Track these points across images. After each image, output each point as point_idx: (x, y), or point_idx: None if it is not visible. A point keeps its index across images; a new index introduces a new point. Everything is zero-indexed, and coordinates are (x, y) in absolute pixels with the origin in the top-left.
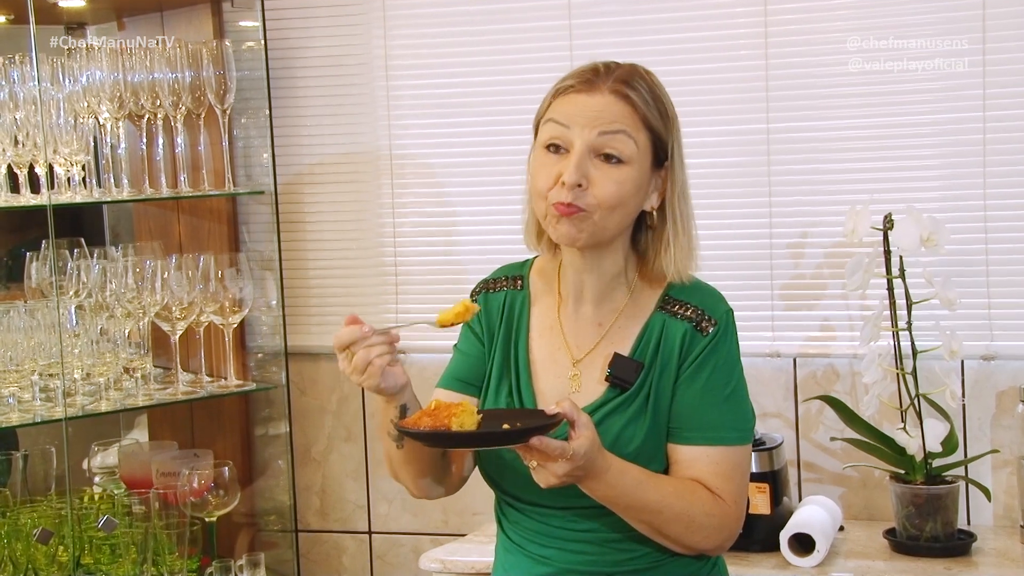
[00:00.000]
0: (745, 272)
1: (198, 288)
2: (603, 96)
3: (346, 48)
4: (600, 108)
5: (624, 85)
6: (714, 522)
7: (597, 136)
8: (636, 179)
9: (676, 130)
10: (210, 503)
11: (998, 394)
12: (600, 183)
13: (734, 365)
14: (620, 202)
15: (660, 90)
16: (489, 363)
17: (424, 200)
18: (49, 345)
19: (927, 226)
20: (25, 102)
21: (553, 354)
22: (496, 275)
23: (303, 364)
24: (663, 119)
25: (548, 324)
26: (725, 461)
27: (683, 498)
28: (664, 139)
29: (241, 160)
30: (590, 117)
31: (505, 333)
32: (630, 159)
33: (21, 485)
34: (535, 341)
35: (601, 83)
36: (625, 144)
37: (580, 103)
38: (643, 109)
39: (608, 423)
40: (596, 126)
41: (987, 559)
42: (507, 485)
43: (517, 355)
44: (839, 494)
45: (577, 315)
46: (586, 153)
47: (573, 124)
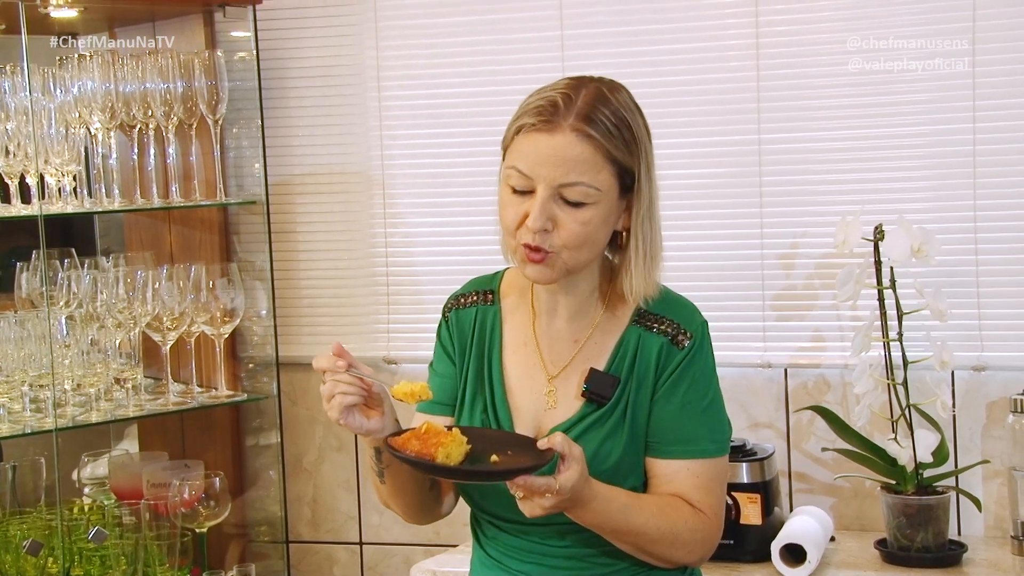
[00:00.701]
0: (736, 283)
1: (189, 298)
2: (564, 136)
3: (338, 59)
4: (561, 150)
5: (585, 122)
6: (697, 536)
7: (558, 186)
8: (602, 215)
9: (644, 151)
10: (201, 514)
11: (988, 404)
12: (565, 225)
13: (710, 377)
14: (586, 240)
15: (627, 112)
16: (462, 380)
17: (416, 210)
18: (39, 356)
19: (918, 237)
20: (16, 112)
21: (528, 370)
22: (465, 289)
23: (294, 374)
24: (628, 147)
25: (522, 340)
26: (705, 474)
27: (667, 517)
28: (630, 167)
29: (233, 170)
30: (551, 163)
31: (478, 349)
32: (595, 200)
33: (10, 496)
34: (509, 357)
35: (561, 121)
36: (586, 192)
37: (541, 145)
38: (606, 145)
39: (585, 439)
40: (557, 176)
41: (978, 569)
42: (486, 504)
43: (491, 371)
44: (830, 504)
45: (551, 330)
46: (549, 198)
47: (534, 172)
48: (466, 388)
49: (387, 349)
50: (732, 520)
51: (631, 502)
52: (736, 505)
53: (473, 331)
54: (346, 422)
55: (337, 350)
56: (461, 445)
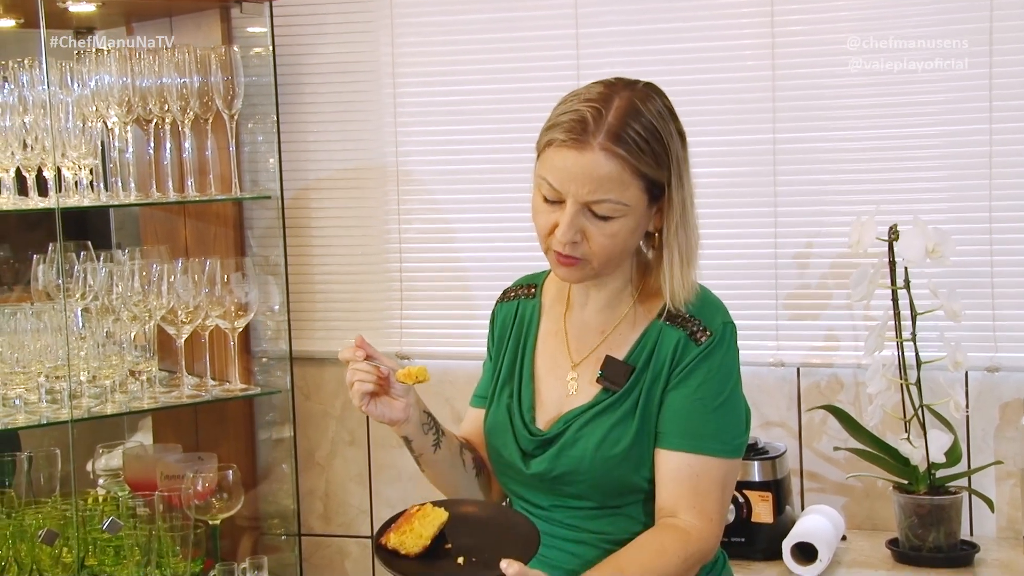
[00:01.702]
0: (750, 282)
1: (204, 292)
2: (592, 155)
3: (354, 55)
4: (589, 168)
5: (613, 141)
6: (692, 559)
7: (586, 203)
8: (631, 226)
9: (676, 159)
10: (214, 506)
11: (1002, 406)
12: (594, 238)
13: (728, 377)
14: (616, 251)
15: (658, 121)
16: (497, 370)
17: (430, 207)
18: (55, 347)
19: (932, 237)
20: (34, 106)
21: (555, 358)
22: (514, 285)
23: (307, 369)
24: (657, 160)
25: (554, 330)
26: (707, 474)
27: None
28: (659, 180)
29: (248, 165)
30: (579, 180)
31: (515, 341)
32: (623, 214)
33: (26, 487)
34: (540, 347)
35: (591, 139)
36: (614, 208)
37: (570, 162)
38: (634, 162)
39: (596, 423)
40: (585, 193)
41: (990, 570)
42: (506, 480)
43: (523, 360)
44: (842, 504)
45: (581, 321)
46: (578, 212)
47: (563, 187)
48: (500, 377)
49: (400, 344)
50: (743, 518)
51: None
52: (747, 503)
53: (513, 323)
54: (367, 410)
55: (359, 342)
56: (420, 538)
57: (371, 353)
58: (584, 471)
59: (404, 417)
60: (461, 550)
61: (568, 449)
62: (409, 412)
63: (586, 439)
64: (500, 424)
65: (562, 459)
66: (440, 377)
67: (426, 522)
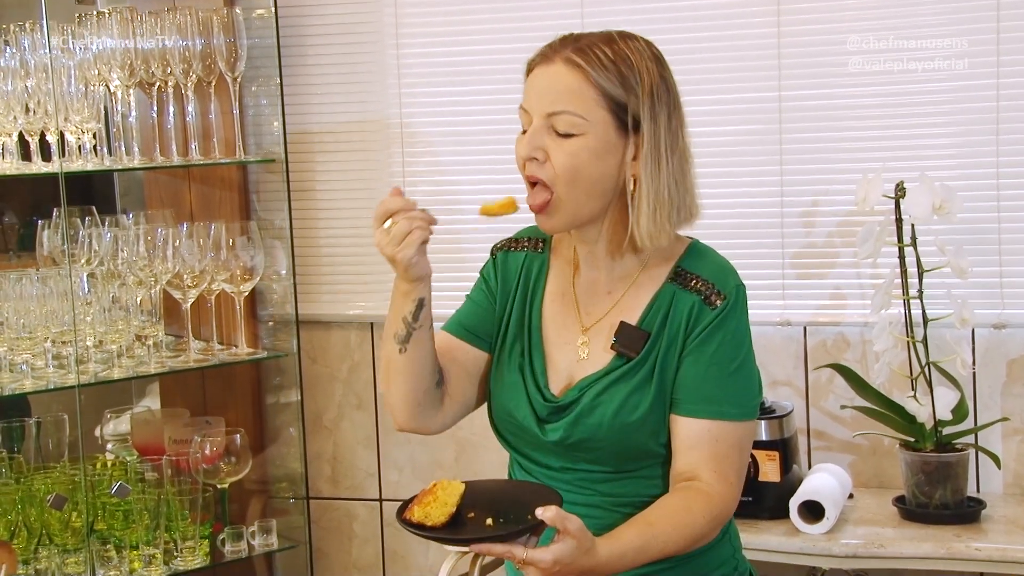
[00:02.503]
0: (756, 240)
1: (209, 256)
2: (555, 67)
3: (357, 16)
4: (550, 81)
5: (577, 53)
6: (716, 521)
7: (547, 116)
8: (593, 147)
9: (650, 93)
10: (222, 470)
11: (1009, 362)
12: (555, 156)
13: (742, 341)
14: (577, 173)
15: (633, 54)
16: (504, 322)
17: (434, 168)
18: (61, 313)
19: (939, 194)
20: (36, 70)
21: (564, 320)
22: (520, 235)
23: (314, 332)
24: (623, 81)
25: (561, 290)
26: (725, 438)
27: (685, 527)
28: (624, 102)
29: (252, 128)
30: (541, 93)
31: (522, 295)
32: (582, 130)
33: (35, 452)
34: (548, 306)
35: (555, 54)
36: (572, 122)
37: (536, 79)
38: (593, 75)
39: (613, 391)
40: (544, 105)
41: (996, 526)
42: (517, 442)
43: (531, 318)
44: (849, 462)
45: (589, 283)
46: (541, 128)
47: (529, 105)
48: (507, 332)
49: None
50: (751, 477)
51: (645, 540)
52: (755, 462)
53: (520, 276)
54: (417, 260)
55: (397, 191)
56: (444, 506)
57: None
58: (601, 438)
59: (431, 272)
60: (485, 516)
61: (585, 417)
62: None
63: (604, 407)
64: (512, 385)
65: (579, 426)
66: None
67: (447, 492)
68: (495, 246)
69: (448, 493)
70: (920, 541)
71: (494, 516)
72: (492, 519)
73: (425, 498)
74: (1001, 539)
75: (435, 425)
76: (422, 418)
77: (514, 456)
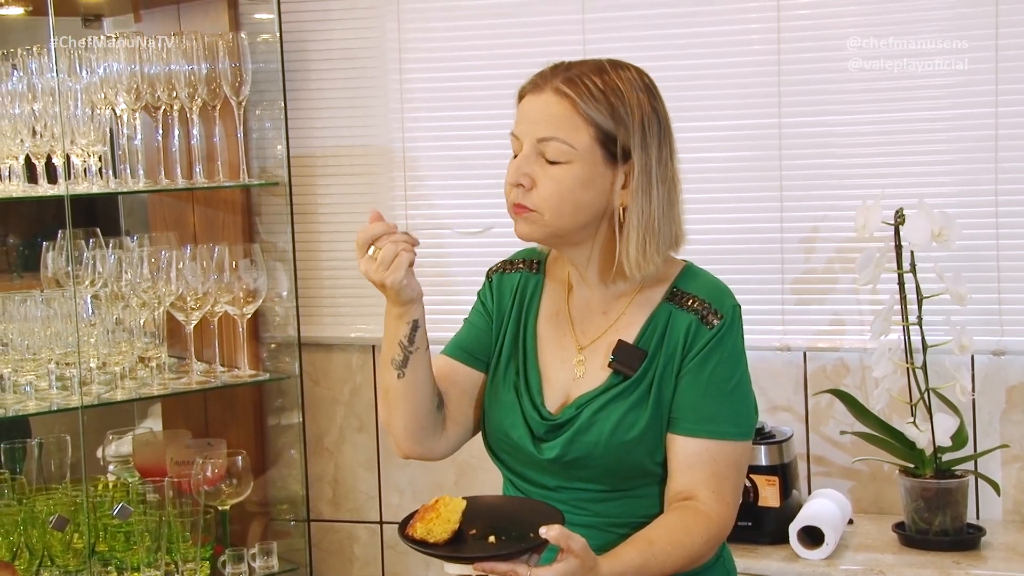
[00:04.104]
0: (756, 266)
1: (212, 278)
2: (545, 96)
3: (360, 41)
4: (540, 109)
5: (567, 83)
6: (713, 540)
7: (536, 143)
8: (579, 175)
9: (642, 125)
10: (223, 492)
11: (1008, 389)
12: (542, 182)
13: (738, 360)
14: (562, 199)
15: (624, 84)
16: (499, 343)
17: (436, 192)
18: (65, 334)
19: (938, 221)
20: (43, 93)
21: (559, 339)
22: (516, 256)
23: (316, 354)
24: (613, 113)
25: (555, 309)
26: (723, 458)
27: (683, 547)
28: (613, 133)
29: (255, 152)
30: (532, 120)
31: (516, 315)
32: (569, 158)
33: (37, 473)
34: (542, 325)
35: (546, 83)
36: (559, 149)
37: (527, 106)
38: (583, 107)
39: (610, 408)
40: (534, 131)
41: (996, 553)
42: (511, 462)
43: (525, 337)
44: (848, 487)
45: (584, 302)
46: (530, 155)
47: (520, 131)
48: (502, 352)
49: None
50: (750, 502)
51: (645, 559)
52: (754, 487)
53: (515, 296)
54: (407, 282)
55: (377, 215)
56: (447, 523)
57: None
58: (598, 456)
59: (422, 292)
60: (487, 533)
61: (582, 435)
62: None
63: (601, 424)
64: (508, 404)
65: (576, 444)
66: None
67: (449, 509)
68: (491, 268)
69: (450, 510)
70: (919, 568)
71: (496, 534)
72: (494, 536)
73: (427, 514)
74: (1001, 566)
75: (439, 450)
76: (425, 443)
77: (508, 476)
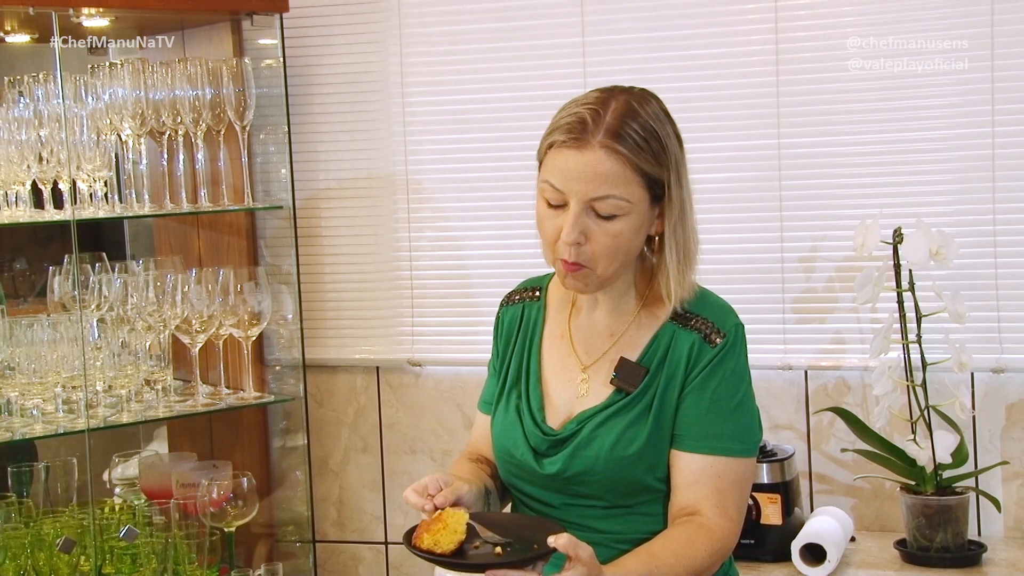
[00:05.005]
0: (757, 286)
1: (217, 301)
2: (593, 153)
3: (363, 66)
4: (591, 166)
5: (613, 139)
6: (716, 555)
7: (589, 200)
8: (634, 225)
9: (674, 160)
10: (229, 513)
11: (1008, 406)
12: (597, 238)
13: (741, 378)
14: (619, 252)
15: (656, 123)
16: (503, 372)
17: (439, 215)
18: (72, 358)
19: (936, 240)
20: (49, 119)
21: (563, 360)
22: (518, 288)
23: (320, 376)
24: (657, 159)
25: (559, 333)
26: (727, 474)
27: (686, 559)
28: (660, 178)
29: (260, 176)
30: (582, 179)
31: (521, 343)
32: (626, 212)
33: (43, 496)
34: (546, 349)
35: (591, 138)
36: (617, 205)
37: (572, 161)
38: (634, 160)
39: (610, 425)
40: (588, 191)
41: (997, 569)
42: (516, 480)
43: (529, 363)
44: (850, 505)
45: (590, 324)
46: (581, 212)
47: (566, 188)
48: (507, 378)
49: (411, 352)
50: (753, 520)
51: (648, 570)
52: (757, 505)
53: (518, 326)
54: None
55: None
56: (454, 533)
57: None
58: (599, 471)
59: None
60: (491, 545)
61: (583, 449)
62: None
63: (601, 439)
64: (509, 425)
65: (577, 459)
66: (451, 383)
67: (455, 520)
68: (502, 302)
69: (456, 520)
70: None
71: (501, 546)
72: (501, 548)
73: (434, 525)
74: None
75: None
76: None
77: (517, 496)
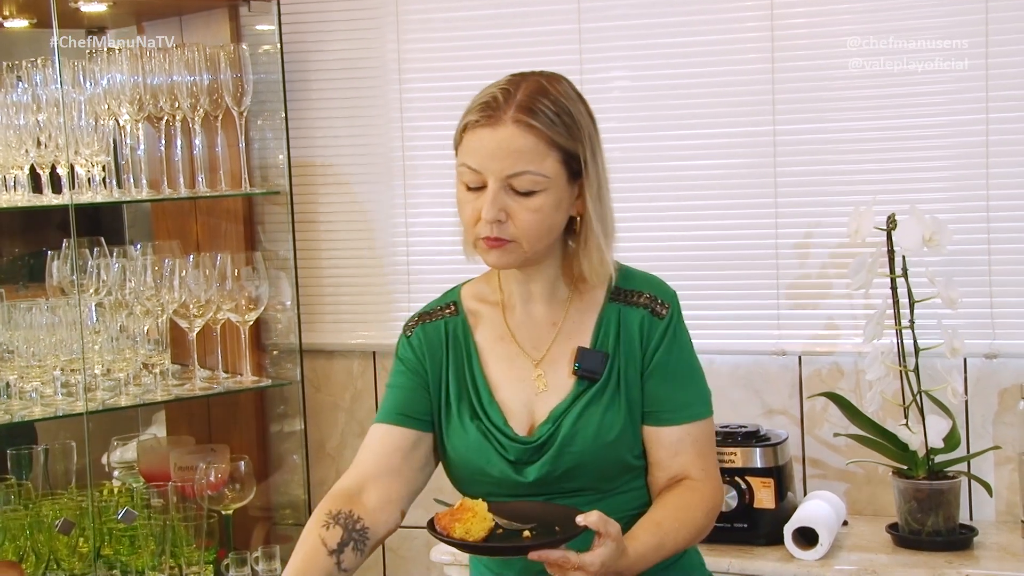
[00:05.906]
0: (751, 271)
1: (215, 286)
2: (506, 128)
3: (360, 51)
4: (505, 142)
5: (525, 113)
6: (712, 513)
7: (506, 178)
8: (553, 201)
9: (588, 136)
10: (226, 496)
11: (1000, 392)
12: (518, 214)
13: (689, 342)
14: (540, 227)
15: (567, 100)
16: (443, 391)
17: (436, 200)
18: (70, 341)
19: (930, 226)
20: (48, 104)
21: (511, 362)
22: (427, 308)
23: (317, 361)
24: (571, 133)
25: (497, 335)
26: (702, 436)
27: (689, 521)
28: (575, 152)
29: (257, 161)
30: (497, 156)
31: (455, 359)
32: (543, 187)
33: (43, 479)
34: (487, 356)
35: (503, 115)
36: (534, 180)
37: (485, 140)
38: (548, 133)
39: (587, 416)
40: (504, 168)
41: (988, 553)
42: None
43: (473, 376)
44: (843, 489)
45: (529, 318)
46: (499, 190)
47: (483, 167)
48: (449, 398)
49: None
50: (746, 504)
51: (659, 539)
52: (750, 489)
53: (446, 343)
54: None
55: None
56: (484, 521)
57: None
58: (587, 463)
59: None
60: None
61: (568, 447)
62: None
63: (583, 432)
64: (475, 444)
65: (564, 458)
66: None
67: (480, 507)
68: (406, 326)
69: (481, 508)
70: (912, 568)
71: (529, 530)
72: (529, 532)
73: (463, 515)
74: (993, 566)
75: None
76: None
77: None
